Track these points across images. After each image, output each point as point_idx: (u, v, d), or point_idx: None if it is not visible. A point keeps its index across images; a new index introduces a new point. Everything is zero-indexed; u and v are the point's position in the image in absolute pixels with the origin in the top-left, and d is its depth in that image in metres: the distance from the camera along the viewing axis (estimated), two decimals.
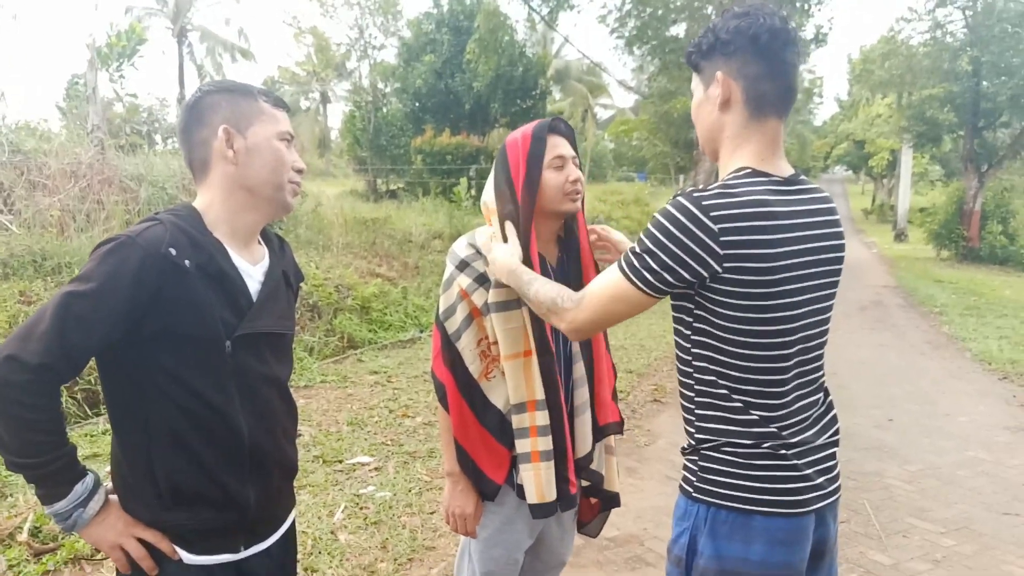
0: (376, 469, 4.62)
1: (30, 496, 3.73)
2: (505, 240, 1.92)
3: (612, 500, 2.22)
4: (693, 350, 1.50)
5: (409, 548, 3.56)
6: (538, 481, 1.92)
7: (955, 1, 20.19)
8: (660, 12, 17.42)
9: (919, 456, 5.15)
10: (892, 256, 22.22)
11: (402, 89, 25.60)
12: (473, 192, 17.30)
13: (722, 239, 1.36)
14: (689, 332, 1.50)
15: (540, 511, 1.94)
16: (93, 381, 5.31)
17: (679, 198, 1.42)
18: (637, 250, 1.45)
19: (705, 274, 1.39)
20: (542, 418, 1.93)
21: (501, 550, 2.02)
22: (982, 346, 8.91)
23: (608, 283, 1.52)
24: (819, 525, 1.52)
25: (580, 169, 2.02)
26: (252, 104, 1.57)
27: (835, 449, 1.58)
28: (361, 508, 4.02)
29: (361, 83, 30.04)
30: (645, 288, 1.45)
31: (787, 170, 1.52)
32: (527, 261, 1.86)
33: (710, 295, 1.42)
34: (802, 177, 1.54)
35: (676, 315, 1.54)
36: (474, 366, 1.96)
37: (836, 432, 1.60)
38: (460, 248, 1.99)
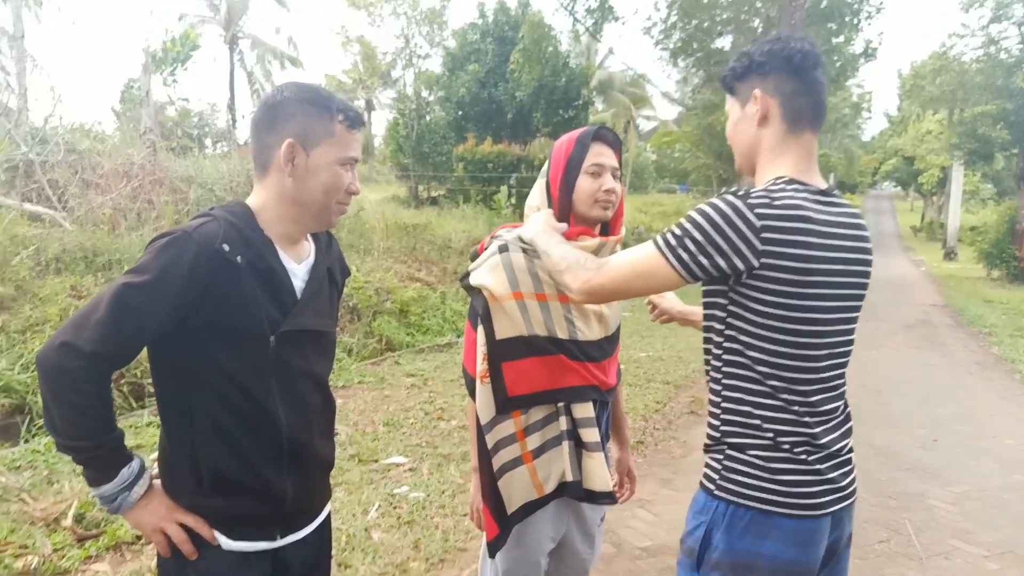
0: (411, 470, 4.65)
1: (76, 483, 3.84)
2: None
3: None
4: (725, 344, 1.55)
5: (441, 549, 3.58)
6: (533, 478, 1.97)
7: (1011, 17, 19.69)
8: (706, 24, 17.35)
9: (964, 478, 5.02)
10: (941, 275, 21.70)
11: (446, 97, 25.79)
12: (513, 200, 17.35)
13: (763, 235, 1.42)
14: (723, 327, 1.55)
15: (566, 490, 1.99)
16: (139, 374, 5.43)
17: (725, 195, 1.48)
18: (677, 231, 1.50)
19: (741, 267, 1.44)
20: (539, 411, 1.97)
21: (522, 551, 2.03)
22: None
23: (639, 257, 1.57)
24: (835, 526, 1.58)
25: (621, 181, 2.03)
26: (326, 124, 1.56)
27: (852, 454, 1.64)
28: (395, 507, 4.05)
29: (406, 91, 30.37)
30: (679, 268, 1.49)
31: (822, 183, 1.58)
32: None
33: (745, 291, 1.48)
34: (835, 191, 1.60)
35: (709, 311, 1.59)
36: (477, 363, 1.98)
37: (850, 437, 1.66)
38: (501, 238, 2.02)
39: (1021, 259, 20.41)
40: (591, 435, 1.98)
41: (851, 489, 1.60)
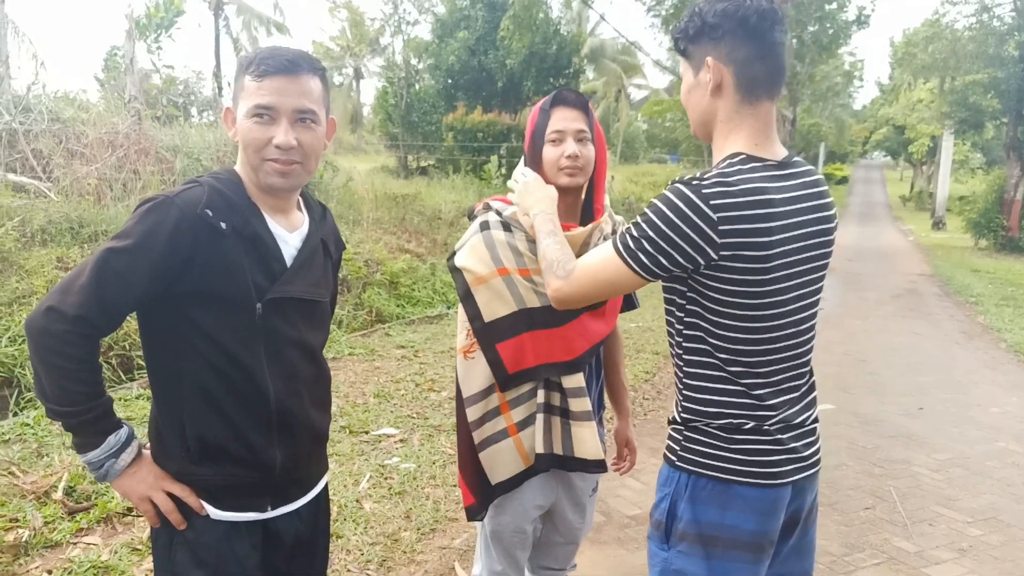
0: (401, 441, 4.67)
1: (65, 456, 3.84)
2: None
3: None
4: (685, 331, 1.54)
5: (432, 519, 3.61)
6: (519, 449, 1.99)
7: None
8: None
9: (948, 445, 5.08)
10: (929, 244, 21.80)
11: (435, 65, 25.48)
12: (504, 170, 17.23)
13: (720, 228, 1.38)
14: (682, 314, 1.54)
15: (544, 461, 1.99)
16: (128, 347, 5.42)
17: (678, 185, 1.43)
18: (634, 233, 1.47)
19: (701, 261, 1.41)
20: (524, 385, 1.97)
21: (508, 517, 2.07)
22: (1018, 337, 8.73)
23: (601, 261, 1.54)
24: (795, 496, 1.57)
25: (596, 141, 2.00)
26: (240, 80, 1.54)
27: (816, 425, 1.63)
28: (386, 478, 4.07)
29: (394, 59, 29.95)
30: (640, 271, 1.47)
31: (780, 153, 1.52)
32: None
33: (704, 280, 1.45)
34: (795, 159, 1.54)
35: (667, 296, 1.58)
36: (460, 338, 2.00)
37: (816, 408, 1.65)
38: (482, 215, 2.04)
39: (1009, 229, 20.51)
40: (581, 404, 1.98)
41: (813, 460, 1.60)
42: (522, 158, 2.07)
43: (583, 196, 2.05)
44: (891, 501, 4.12)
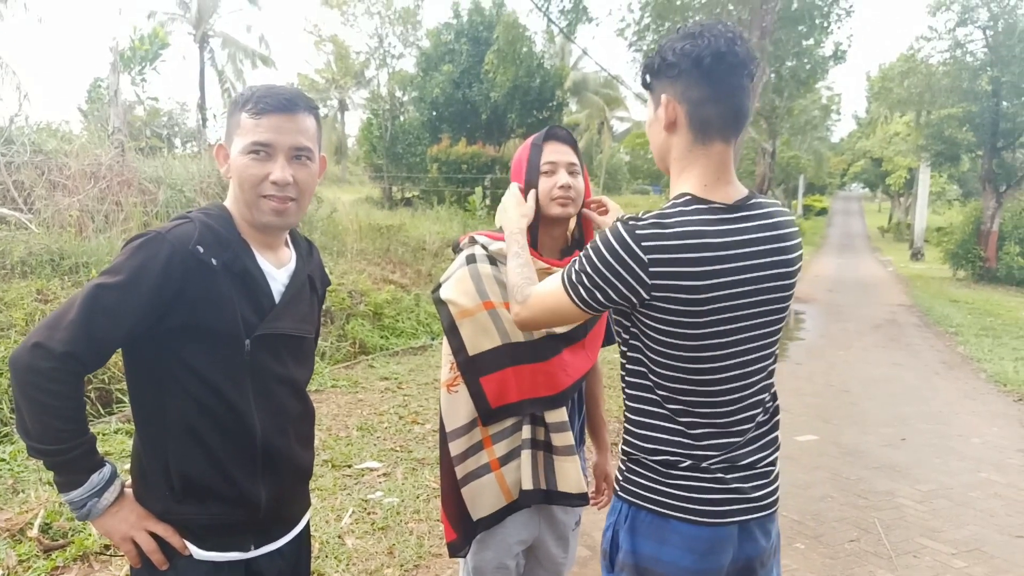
0: (384, 475, 4.63)
1: (42, 492, 3.77)
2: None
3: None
4: (627, 365, 1.56)
5: (416, 555, 3.56)
6: (501, 484, 1.99)
7: (976, 21, 20.12)
8: (679, 26, 17.44)
9: (931, 476, 5.11)
10: (908, 275, 22.07)
11: (420, 98, 25.73)
12: (488, 202, 17.35)
13: (651, 269, 1.39)
14: (625, 348, 1.56)
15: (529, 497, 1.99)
16: (107, 380, 5.35)
17: (617, 223, 1.45)
18: (576, 267, 1.50)
19: (634, 299, 1.43)
20: (508, 419, 1.98)
21: (491, 553, 2.06)
22: (997, 367, 8.82)
23: (551, 291, 1.58)
24: (745, 539, 1.54)
25: (583, 176, 2.04)
26: (236, 117, 1.54)
27: (771, 468, 1.59)
28: (369, 513, 4.02)
29: (379, 91, 30.20)
30: (580, 304, 1.51)
31: (735, 195, 1.50)
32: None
33: (642, 318, 1.47)
34: (753, 201, 1.51)
35: (616, 330, 1.59)
36: (444, 371, 2.01)
37: (775, 451, 1.61)
38: (468, 248, 2.05)
39: (986, 259, 20.84)
40: (564, 439, 1.98)
41: (765, 502, 1.55)
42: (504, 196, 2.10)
43: (571, 230, 2.09)
44: (876, 533, 4.12)
